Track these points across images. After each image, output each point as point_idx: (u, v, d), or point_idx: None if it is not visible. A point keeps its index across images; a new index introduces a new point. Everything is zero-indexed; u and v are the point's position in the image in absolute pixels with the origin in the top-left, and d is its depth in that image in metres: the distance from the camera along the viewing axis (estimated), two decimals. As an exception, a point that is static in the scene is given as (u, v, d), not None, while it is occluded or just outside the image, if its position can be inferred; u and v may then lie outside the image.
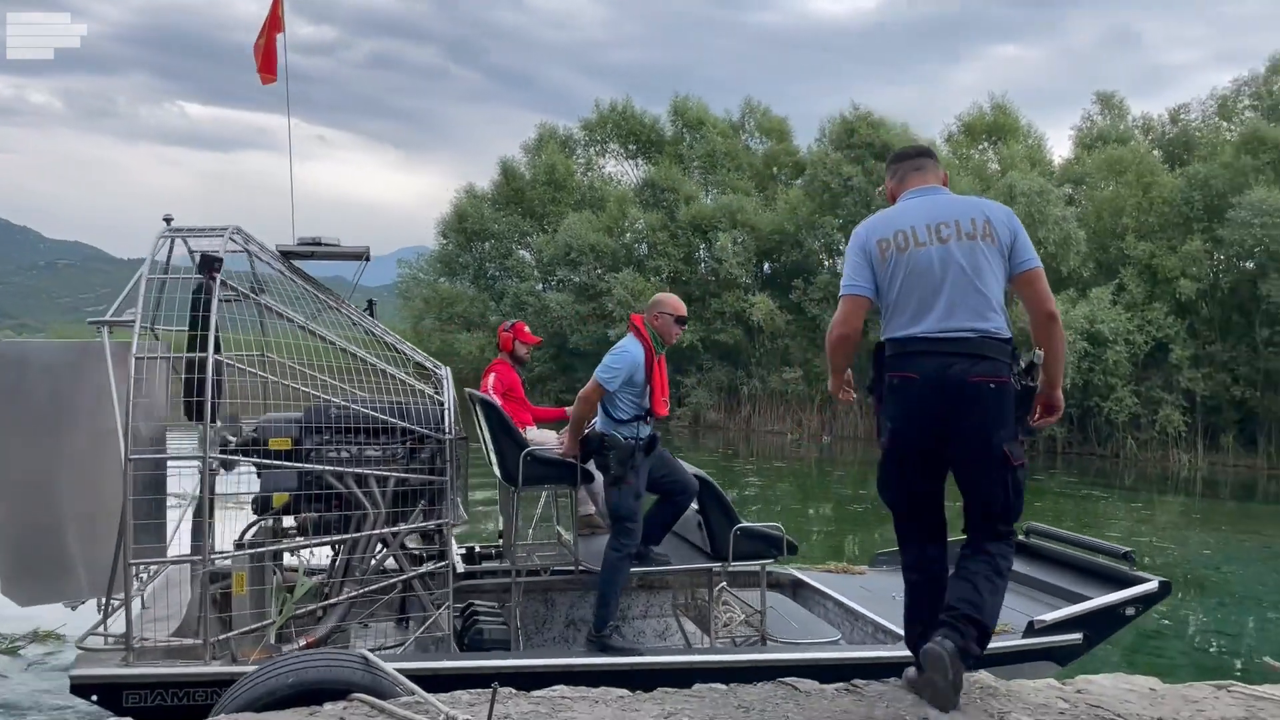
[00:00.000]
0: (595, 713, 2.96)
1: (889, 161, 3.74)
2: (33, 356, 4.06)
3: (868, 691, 3.39)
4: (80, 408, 3.97)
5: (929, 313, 3.28)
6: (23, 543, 3.96)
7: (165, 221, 4.98)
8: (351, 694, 3.03)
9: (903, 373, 3.32)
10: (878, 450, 3.54)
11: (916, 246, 3.34)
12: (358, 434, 4.59)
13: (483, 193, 36.16)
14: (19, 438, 3.94)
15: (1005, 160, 28.82)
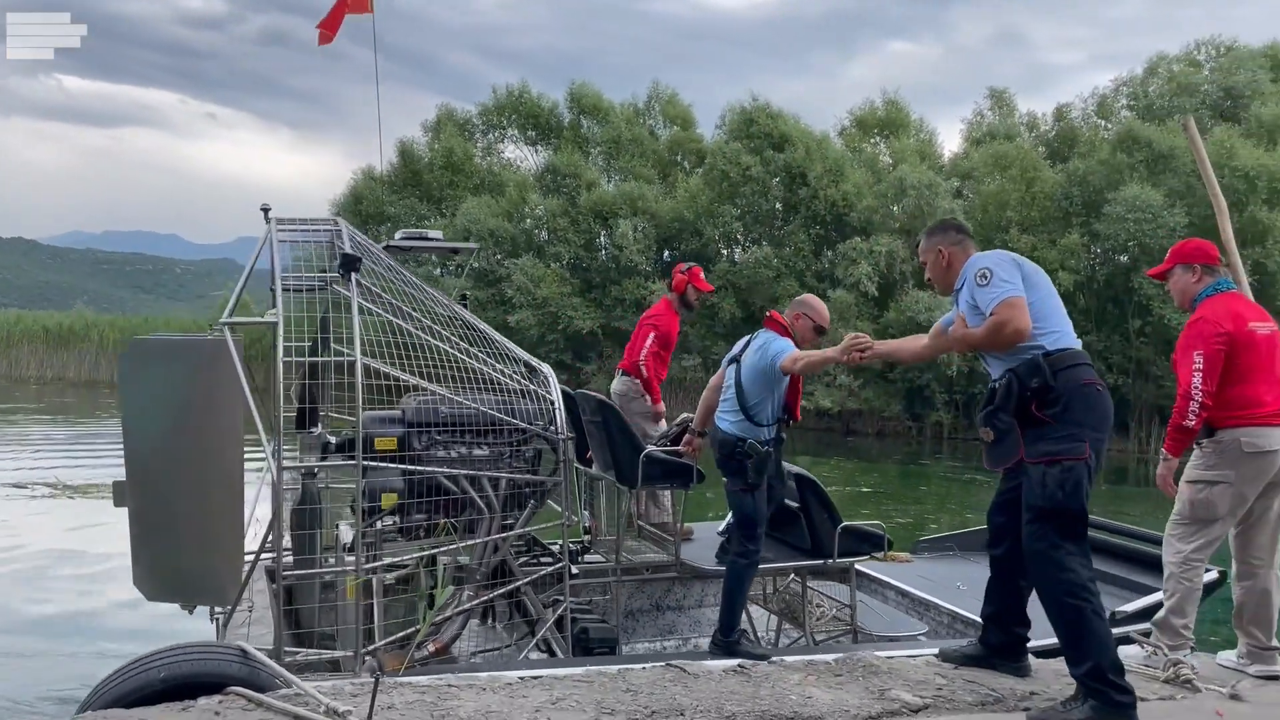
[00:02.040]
0: (482, 700, 2.92)
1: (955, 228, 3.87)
2: (162, 351, 3.93)
3: (754, 672, 3.43)
4: (203, 407, 3.83)
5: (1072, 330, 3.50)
6: (150, 537, 3.83)
7: (263, 211, 4.87)
8: (228, 687, 2.92)
9: (1096, 381, 3.37)
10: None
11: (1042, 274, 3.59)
12: (464, 433, 4.47)
13: (380, 175, 35.40)
14: (148, 432, 3.81)
15: (897, 154, 29.55)
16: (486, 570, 4.52)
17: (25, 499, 11.33)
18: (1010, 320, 3.32)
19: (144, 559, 3.84)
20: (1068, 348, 3.38)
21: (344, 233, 4.71)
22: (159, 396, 3.82)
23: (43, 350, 36.46)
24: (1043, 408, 3.31)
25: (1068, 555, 3.25)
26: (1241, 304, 4.10)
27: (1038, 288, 3.48)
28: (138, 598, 7.24)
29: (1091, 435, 3.29)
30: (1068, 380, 3.30)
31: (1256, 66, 27.05)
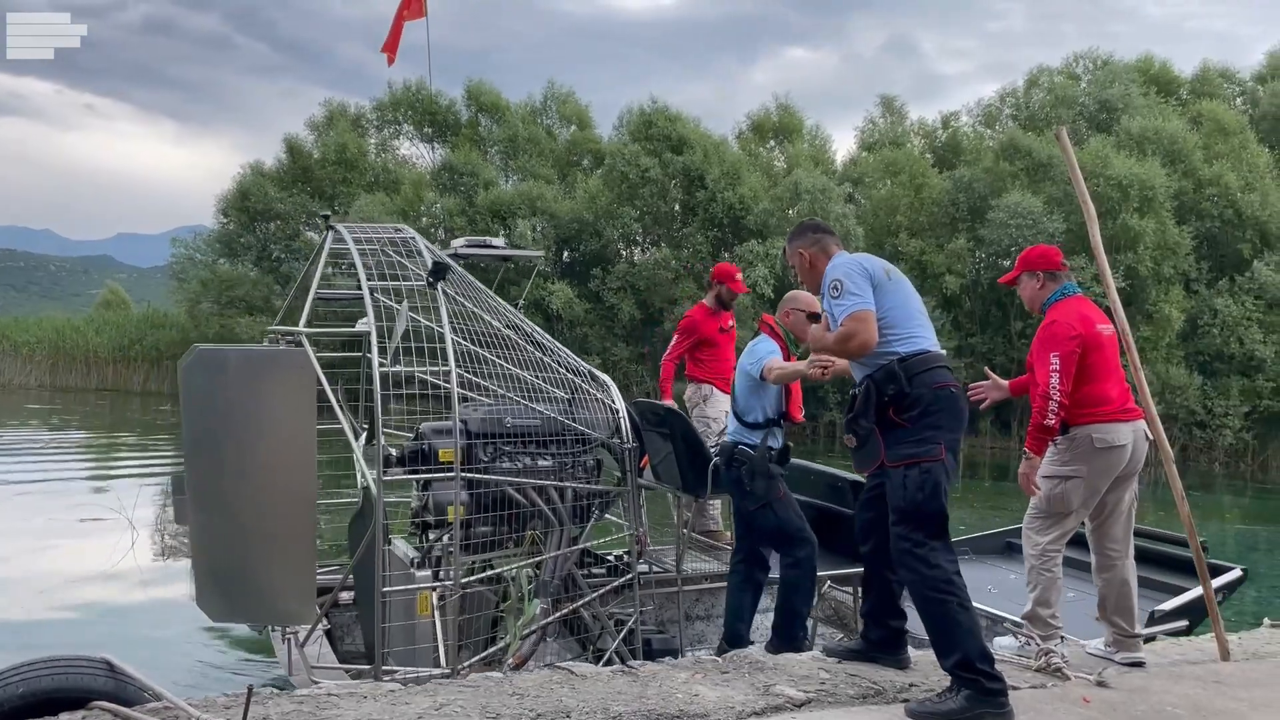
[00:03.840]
0: (363, 709, 2.87)
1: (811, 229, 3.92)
2: (234, 362, 3.68)
3: (642, 673, 3.45)
4: (277, 420, 3.64)
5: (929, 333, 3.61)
6: (214, 556, 3.63)
7: (323, 219, 4.81)
8: (92, 702, 2.80)
9: (950, 383, 3.48)
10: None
11: (898, 277, 3.69)
12: (527, 443, 4.36)
13: (269, 171, 34.39)
14: (214, 446, 3.60)
15: (791, 159, 30.11)
16: (559, 583, 4.44)
17: (-123, 509, 10.66)
18: (856, 334, 3.45)
19: (209, 579, 3.67)
20: (923, 351, 3.50)
21: (418, 240, 4.65)
22: (230, 409, 3.62)
23: (-101, 352, 34.42)
24: (899, 412, 3.44)
25: (931, 552, 3.37)
26: (1087, 307, 4.32)
27: (894, 293, 3.59)
28: (10, 609, 6.92)
29: (946, 436, 3.42)
30: (922, 384, 3.42)
31: (1129, 80, 28.45)
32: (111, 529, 10.21)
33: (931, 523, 3.39)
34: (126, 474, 15.73)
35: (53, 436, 20.49)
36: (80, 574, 8.56)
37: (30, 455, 17.04)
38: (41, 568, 8.84)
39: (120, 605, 7.89)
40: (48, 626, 7.11)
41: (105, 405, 29.84)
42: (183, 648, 6.82)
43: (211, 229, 34.92)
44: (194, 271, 33.85)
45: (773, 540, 4.59)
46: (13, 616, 7.28)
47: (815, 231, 3.90)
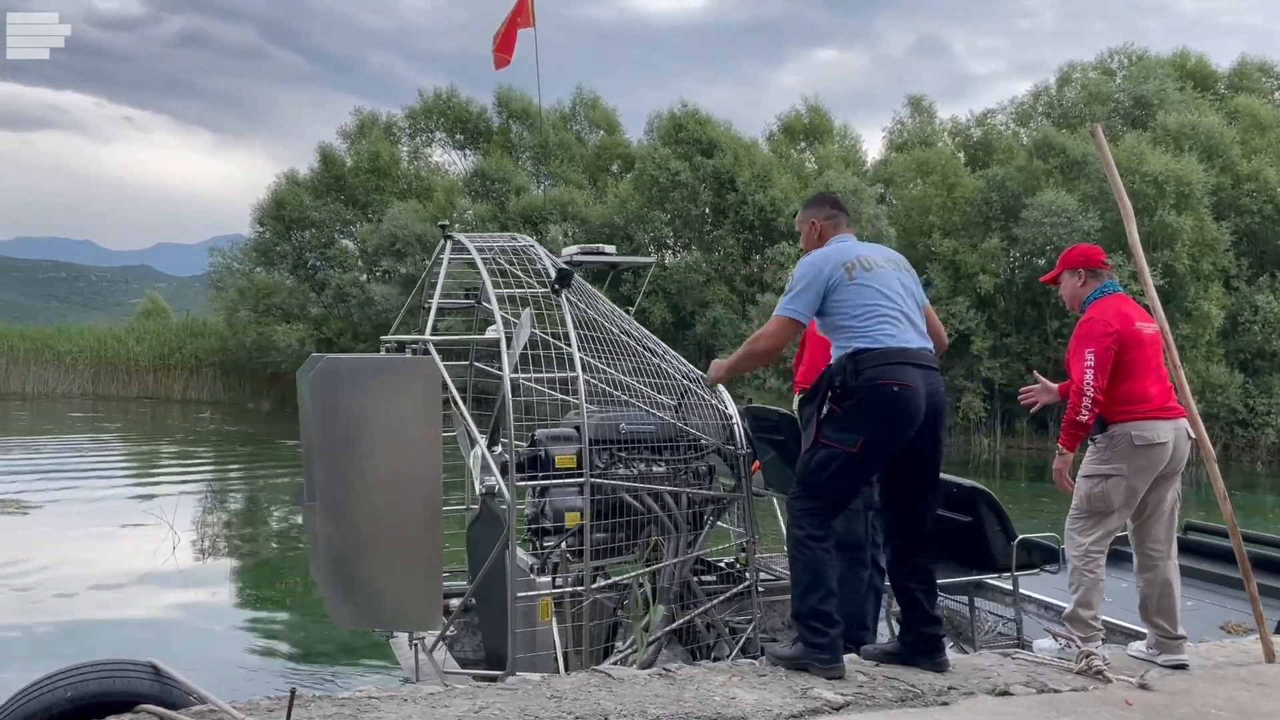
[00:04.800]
0: (403, 711, 2.89)
1: (830, 203, 4.00)
2: (362, 371, 3.73)
3: (678, 675, 3.45)
4: (405, 428, 3.68)
5: (909, 329, 3.61)
6: (342, 563, 3.67)
7: (441, 228, 4.92)
8: (138, 705, 2.84)
9: (895, 381, 3.48)
10: None
11: (875, 270, 3.68)
12: (643, 449, 4.38)
13: (303, 180, 34.78)
14: (338, 454, 3.63)
15: (822, 160, 30.00)
16: (677, 591, 4.43)
17: (-72, 516, 10.91)
18: (763, 336, 3.78)
19: (338, 587, 3.69)
20: (879, 348, 3.53)
21: (536, 248, 4.70)
22: (360, 418, 3.63)
23: (-53, 362, 35.12)
24: (838, 402, 3.56)
25: (801, 514, 3.61)
26: (1127, 305, 4.28)
27: (860, 290, 3.64)
28: (48, 615, 7.08)
29: (870, 431, 3.51)
30: (865, 379, 3.50)
31: (1164, 75, 28.08)
32: (153, 534, 10.38)
33: (813, 495, 3.60)
34: (167, 480, 15.97)
35: (95, 444, 20.83)
36: (123, 578, 8.70)
37: (73, 462, 17.34)
38: (85, 572, 8.99)
39: (163, 609, 8.01)
40: (92, 630, 7.23)
41: (146, 413, 30.30)
42: (224, 651, 6.92)
43: (248, 238, 35.39)
44: (231, 280, 34.29)
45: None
46: (58, 620, 7.41)
47: (832, 206, 4.00)
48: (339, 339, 31.31)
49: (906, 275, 3.81)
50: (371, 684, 3.90)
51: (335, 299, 31.56)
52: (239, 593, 9.07)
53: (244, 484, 16.34)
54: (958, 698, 3.47)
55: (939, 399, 3.62)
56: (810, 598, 3.56)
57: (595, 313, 4.65)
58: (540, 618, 4.07)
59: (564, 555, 4.41)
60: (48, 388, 35.06)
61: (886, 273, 3.72)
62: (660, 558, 4.47)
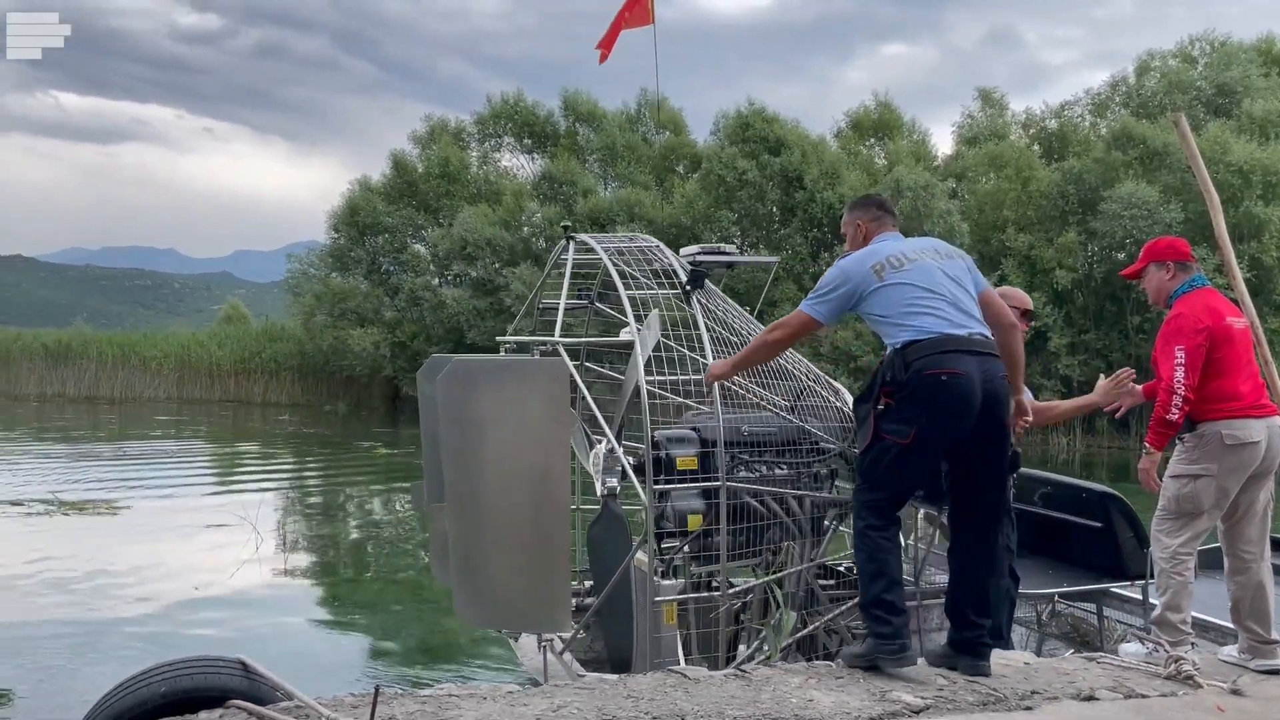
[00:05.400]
0: (483, 709, 2.93)
1: (876, 205, 4.02)
2: (491, 372, 3.79)
3: (755, 676, 3.44)
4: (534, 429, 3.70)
5: (957, 315, 3.57)
6: (470, 563, 3.71)
7: (563, 229, 5.05)
8: (229, 701, 2.92)
9: (943, 371, 3.46)
10: None
11: (910, 264, 3.68)
12: (764, 451, 4.37)
13: (376, 185, 35.43)
14: (468, 455, 3.67)
15: (891, 155, 29.60)
16: (802, 597, 4.41)
17: (21, 516, 11.34)
18: (781, 326, 3.85)
19: (467, 588, 3.71)
20: (924, 338, 3.51)
21: (662, 249, 4.73)
22: (490, 419, 3.64)
23: (42, 367, 36.50)
24: (891, 396, 3.56)
25: (861, 506, 3.68)
26: (1216, 299, 4.14)
27: (893, 288, 3.63)
28: (139, 612, 7.30)
29: (922, 422, 3.49)
30: (916, 371, 3.48)
31: (1248, 61, 27.12)
32: (236, 534, 10.66)
33: (871, 487, 3.65)
34: (249, 481, 16.40)
35: (180, 446, 21.48)
36: (209, 577, 8.95)
37: (160, 464, 17.91)
38: (172, 571, 9.27)
39: (246, 607, 8.22)
40: (179, 627, 7.45)
41: (228, 416, 31.16)
42: (306, 648, 7.07)
43: (323, 244, 36.17)
44: (308, 286, 35.06)
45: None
46: (148, 616, 7.66)
47: (877, 208, 4.00)
48: (412, 342, 31.82)
49: (951, 262, 3.76)
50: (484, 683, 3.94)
51: (408, 303, 32.08)
52: (319, 591, 9.27)
53: (322, 484, 16.71)
54: (1041, 702, 3.40)
55: (996, 385, 3.54)
56: (873, 587, 3.58)
57: (720, 312, 4.63)
58: (665, 621, 4.04)
59: (686, 558, 4.32)
60: (135, 392, 36.23)
61: (924, 264, 3.68)
62: (785, 562, 4.41)
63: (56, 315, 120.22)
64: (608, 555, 4.38)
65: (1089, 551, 5.04)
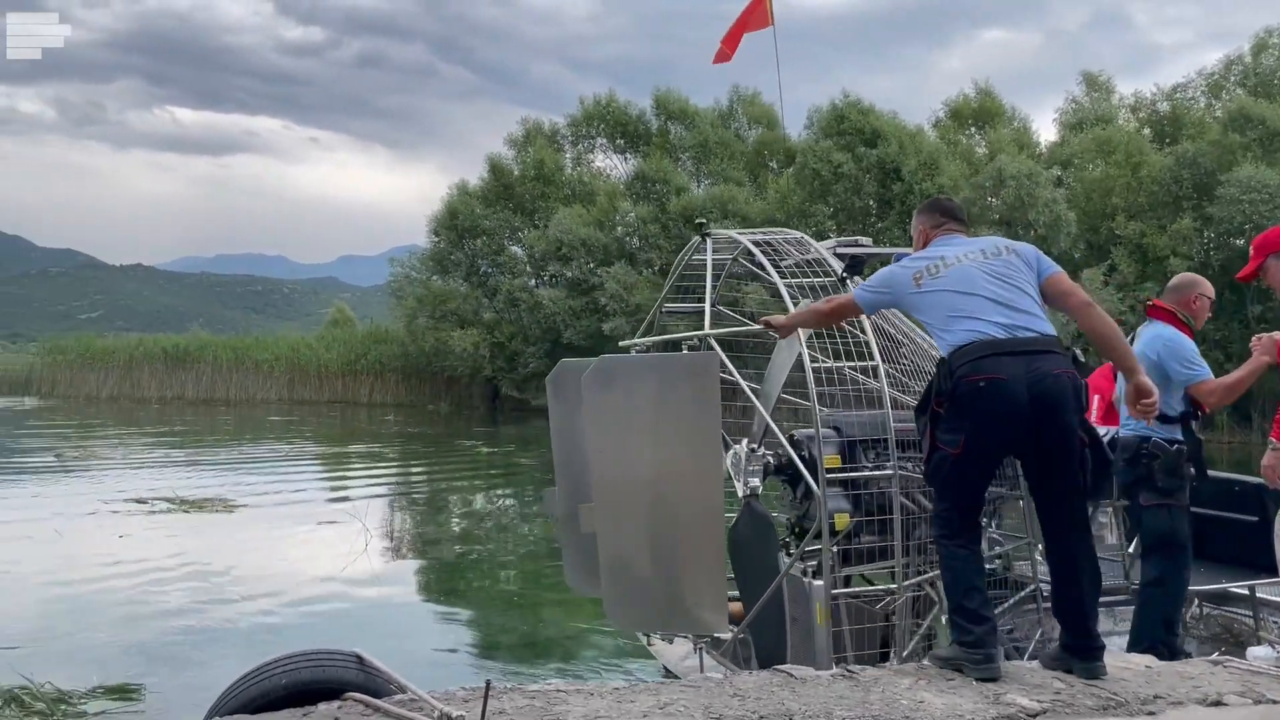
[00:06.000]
0: (590, 705, 2.95)
1: (940, 211, 3.95)
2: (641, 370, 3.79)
3: (863, 677, 3.38)
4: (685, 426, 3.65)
5: (1003, 316, 3.47)
6: (621, 564, 3.69)
7: (697, 226, 5.04)
8: (346, 693, 3.01)
9: (981, 376, 3.38)
10: None
11: (948, 268, 3.61)
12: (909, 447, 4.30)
13: (474, 189, 36.11)
14: (616, 454, 3.66)
15: (993, 144, 28.85)
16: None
17: (146, 514, 11.88)
18: (832, 302, 3.92)
19: (619, 590, 3.69)
20: (964, 344, 3.43)
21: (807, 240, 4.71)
22: (641, 417, 3.61)
23: (162, 371, 38.26)
24: (940, 405, 3.50)
25: (934, 515, 3.66)
26: None
27: (932, 294, 3.57)
28: (257, 606, 7.55)
29: (969, 430, 3.40)
30: (960, 377, 3.40)
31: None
32: (346, 531, 10.98)
33: (938, 497, 3.64)
34: (358, 480, 16.88)
35: (291, 446, 22.24)
36: (321, 573, 9.23)
37: (273, 464, 18.57)
38: (286, 568, 9.60)
39: (357, 602, 8.46)
40: (294, 622, 7.70)
41: (336, 416, 32.13)
42: (415, 642, 7.23)
43: (424, 248, 37.04)
44: (410, 289, 35.95)
45: (1153, 546, 4.31)
46: (264, 610, 7.94)
47: (941, 213, 3.92)
48: (510, 343, 32.32)
49: (999, 259, 3.60)
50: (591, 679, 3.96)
51: (506, 304, 32.59)
52: (427, 587, 9.48)
53: (427, 482, 17.09)
54: (1165, 707, 3.26)
55: (1048, 384, 3.35)
56: (951, 596, 3.55)
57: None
58: (817, 622, 3.97)
59: (835, 559, 4.19)
60: (248, 394, 37.67)
61: (962, 269, 3.57)
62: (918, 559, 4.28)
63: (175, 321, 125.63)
64: (753, 556, 4.29)
65: (1244, 547, 4.80)
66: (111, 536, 10.41)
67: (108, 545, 9.95)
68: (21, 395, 37.40)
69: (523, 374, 32.72)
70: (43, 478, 15.30)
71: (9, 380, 39.66)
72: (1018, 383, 3.33)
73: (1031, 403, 3.35)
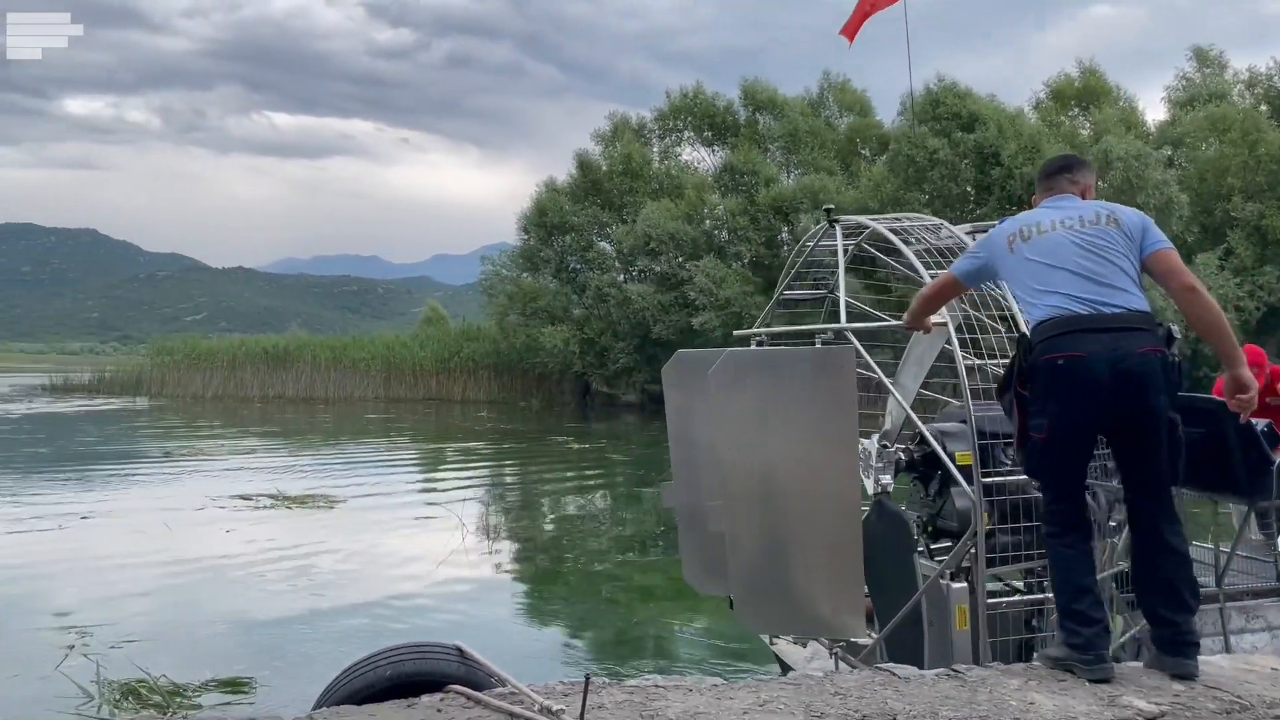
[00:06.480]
0: (689, 701, 2.95)
1: (1043, 169, 3.82)
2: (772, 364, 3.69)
3: (969, 676, 3.31)
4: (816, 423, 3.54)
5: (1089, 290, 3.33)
6: (752, 564, 3.63)
7: (826, 212, 5.05)
8: (448, 686, 3.07)
9: (1059, 354, 3.27)
10: None
11: (1040, 236, 3.47)
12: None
13: (562, 186, 36.44)
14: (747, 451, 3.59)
15: (1098, 125, 27.89)
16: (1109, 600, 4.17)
17: (250, 510, 12.31)
18: (930, 286, 3.81)
19: (750, 591, 3.64)
20: (1044, 320, 3.30)
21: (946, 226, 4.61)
22: (768, 414, 3.53)
23: (263, 370, 39.56)
24: (1024, 385, 3.38)
25: (1043, 511, 3.53)
26: None
27: (1021, 259, 3.43)
28: (359, 599, 7.73)
29: (1052, 413, 3.28)
30: (1037, 356, 3.29)
31: None
32: (443, 526, 11.21)
33: (1041, 488, 3.56)
34: (453, 476, 17.21)
35: (388, 443, 22.78)
36: (419, 567, 9.44)
37: (371, 460, 19.06)
38: (386, 561, 9.84)
39: (454, 595, 8.62)
40: (396, 613, 7.89)
41: (431, 414, 32.80)
42: (510, 635, 7.35)
43: (514, 245, 37.54)
44: (501, 286, 36.48)
45: None
46: (366, 603, 8.15)
47: (1054, 173, 3.74)
48: (599, 339, 32.52)
49: (1095, 229, 3.41)
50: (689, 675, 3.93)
51: (595, 300, 32.80)
52: (521, 581, 9.62)
53: (520, 478, 17.34)
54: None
55: (1132, 363, 3.19)
56: (1060, 597, 3.43)
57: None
58: (958, 626, 3.85)
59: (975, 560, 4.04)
60: (346, 392, 38.72)
61: (1054, 237, 3.41)
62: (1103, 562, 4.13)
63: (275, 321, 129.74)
64: (886, 556, 4.20)
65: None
66: (219, 532, 10.82)
67: (216, 540, 10.35)
68: (133, 395, 39.10)
69: (612, 370, 32.93)
70: (154, 474, 15.99)
71: (121, 381, 41.47)
72: (1098, 361, 3.20)
73: (1113, 382, 3.20)
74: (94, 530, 10.91)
